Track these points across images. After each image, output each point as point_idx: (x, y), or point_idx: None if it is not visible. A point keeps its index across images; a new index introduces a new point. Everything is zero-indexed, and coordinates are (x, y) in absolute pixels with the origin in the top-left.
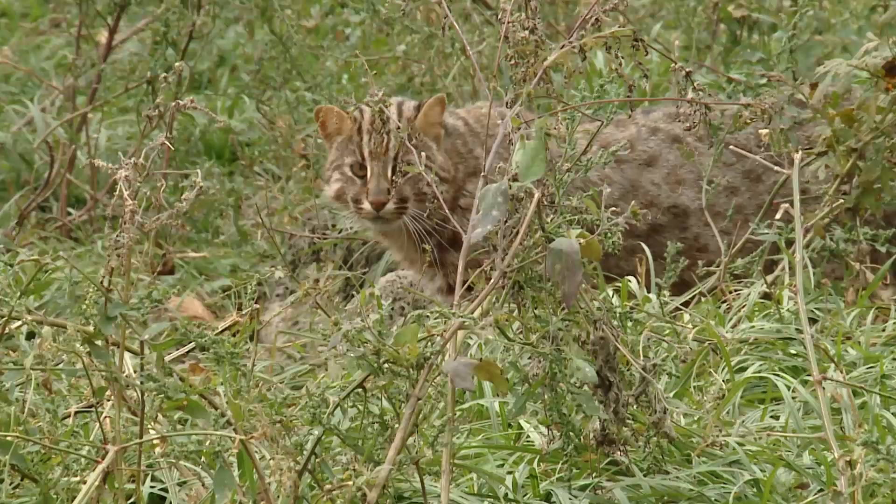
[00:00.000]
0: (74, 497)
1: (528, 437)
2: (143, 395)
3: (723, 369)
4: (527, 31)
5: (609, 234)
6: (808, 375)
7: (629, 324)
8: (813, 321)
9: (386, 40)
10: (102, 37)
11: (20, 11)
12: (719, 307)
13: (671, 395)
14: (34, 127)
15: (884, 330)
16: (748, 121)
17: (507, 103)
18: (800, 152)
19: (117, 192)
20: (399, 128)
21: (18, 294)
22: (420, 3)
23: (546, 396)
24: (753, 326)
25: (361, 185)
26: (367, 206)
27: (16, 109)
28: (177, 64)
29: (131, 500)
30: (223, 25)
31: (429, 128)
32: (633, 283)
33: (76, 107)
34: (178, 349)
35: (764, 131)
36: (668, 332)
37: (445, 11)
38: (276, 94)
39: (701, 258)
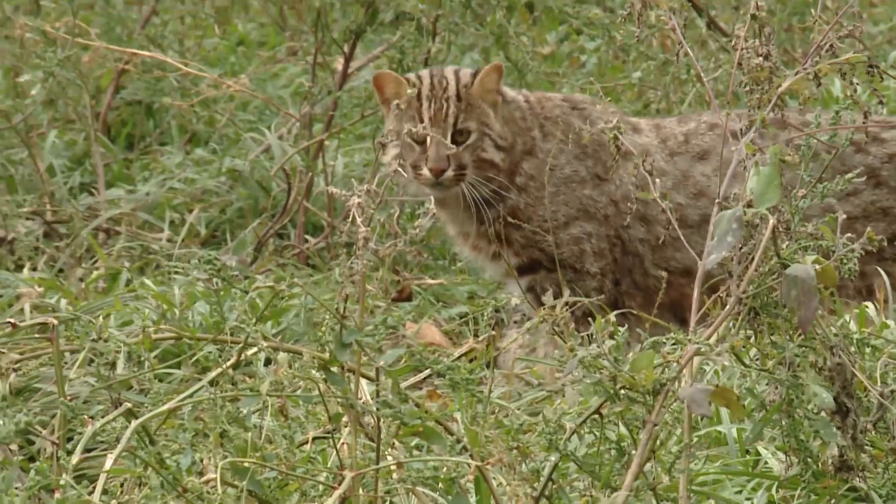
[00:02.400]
0: None
1: (766, 463)
2: (379, 421)
3: None
4: (761, 58)
5: (845, 260)
6: None
7: (867, 350)
8: None
9: (622, 67)
10: (338, 64)
11: (258, 40)
12: None
13: None
14: (271, 154)
15: None
16: None
17: (741, 130)
18: None
19: (350, 219)
20: (459, 96)
21: (255, 321)
22: (656, 29)
23: (783, 422)
24: None
25: (420, 152)
26: (426, 172)
27: (253, 137)
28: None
29: None
30: (458, 52)
31: (485, 94)
32: (870, 309)
33: (312, 134)
34: (414, 375)
35: None
36: None
37: (681, 38)
38: None
39: None
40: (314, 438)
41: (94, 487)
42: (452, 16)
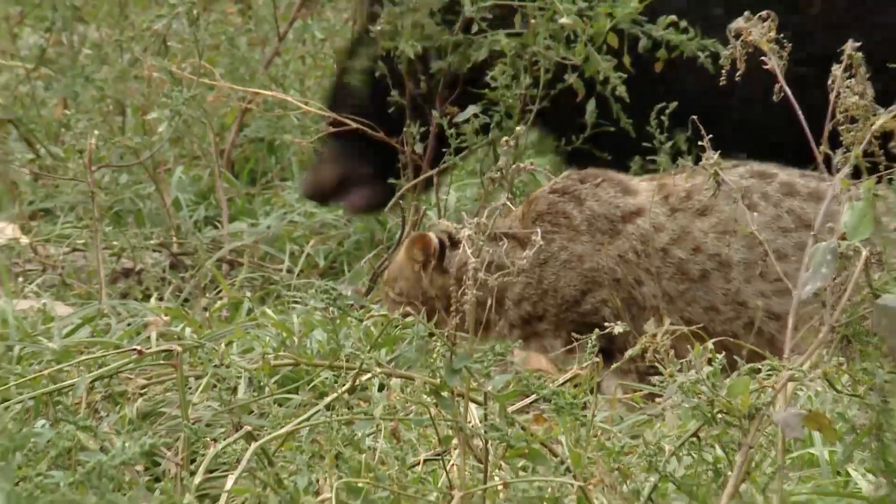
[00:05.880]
0: None
1: (856, 484)
2: (487, 443)
3: None
4: (857, 97)
5: None
6: None
7: None
8: None
9: None
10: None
11: None
12: None
13: None
14: None
15: None
16: None
17: (836, 166)
18: None
19: (460, 251)
20: None
21: (369, 348)
22: None
23: (873, 445)
24: None
25: None
26: None
27: None
28: (518, 128)
29: None
30: None
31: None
32: None
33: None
34: (521, 400)
35: None
36: None
37: (781, 80)
38: None
39: (741, 314)
40: (425, 460)
41: None
42: None
